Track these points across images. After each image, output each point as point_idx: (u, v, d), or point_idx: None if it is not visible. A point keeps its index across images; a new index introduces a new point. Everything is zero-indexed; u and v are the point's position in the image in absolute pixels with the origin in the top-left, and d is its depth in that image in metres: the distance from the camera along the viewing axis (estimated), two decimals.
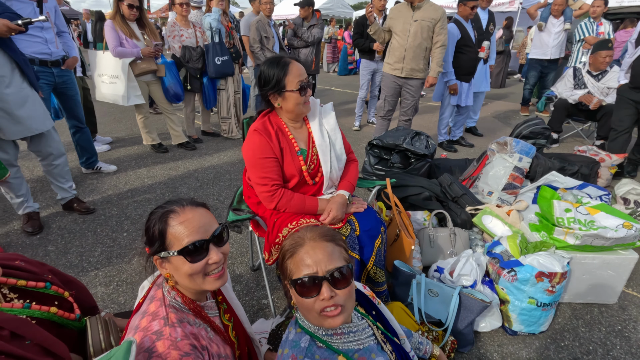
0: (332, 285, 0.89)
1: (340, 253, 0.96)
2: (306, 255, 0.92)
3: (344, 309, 0.90)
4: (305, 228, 1.02)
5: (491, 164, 2.70)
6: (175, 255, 0.94)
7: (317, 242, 0.94)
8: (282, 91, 1.55)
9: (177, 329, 0.91)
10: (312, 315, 0.91)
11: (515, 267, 1.82)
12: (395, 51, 3.61)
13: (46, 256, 2.37)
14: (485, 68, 4.51)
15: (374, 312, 1.13)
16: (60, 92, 3.13)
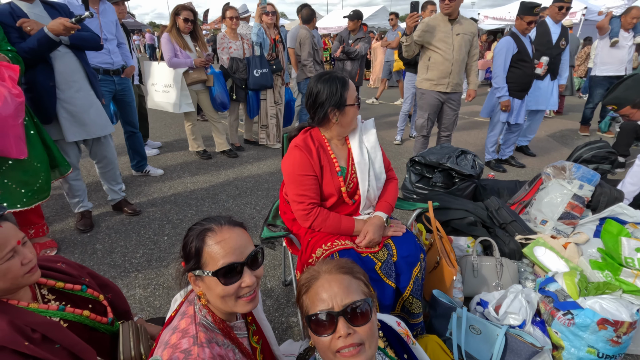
0: (350, 321, 0.81)
1: (359, 286, 0.89)
2: (321, 288, 0.85)
3: (363, 349, 0.81)
4: (321, 261, 0.96)
5: (546, 189, 2.47)
6: (209, 276, 0.93)
7: (332, 274, 0.88)
8: (343, 106, 1.53)
9: (205, 350, 0.89)
10: (328, 357, 0.83)
11: (572, 309, 1.62)
12: (440, 66, 3.46)
13: (93, 254, 2.50)
14: (552, 85, 4.20)
15: (406, 356, 1.03)
16: (119, 99, 3.37)
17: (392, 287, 1.53)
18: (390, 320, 1.10)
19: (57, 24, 2.12)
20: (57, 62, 2.32)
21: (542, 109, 4.35)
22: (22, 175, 2.15)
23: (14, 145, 1.98)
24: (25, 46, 2.13)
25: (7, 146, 1.95)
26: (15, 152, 1.99)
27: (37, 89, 2.29)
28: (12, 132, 1.96)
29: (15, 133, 1.98)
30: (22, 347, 0.99)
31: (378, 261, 1.53)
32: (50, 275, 1.24)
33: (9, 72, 1.95)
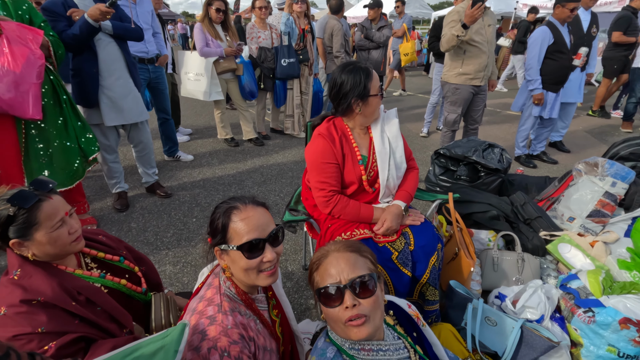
0: (355, 294, 0.88)
1: (365, 263, 0.95)
2: (329, 265, 0.93)
3: (368, 319, 0.88)
4: (331, 242, 1.03)
5: (576, 186, 2.39)
6: (234, 250, 1.00)
7: (340, 252, 0.95)
8: (367, 96, 1.56)
9: (228, 317, 0.97)
10: (338, 326, 0.91)
11: (594, 307, 1.59)
12: (477, 59, 3.36)
13: (129, 232, 2.68)
14: (582, 77, 4.01)
15: (415, 334, 1.07)
16: (153, 87, 3.53)
17: (408, 276, 1.56)
18: (401, 302, 1.14)
19: (94, 9, 2.27)
20: (100, 50, 2.48)
21: (573, 102, 4.16)
22: (64, 158, 2.36)
23: (31, 104, 2.10)
24: (70, 32, 2.30)
25: (25, 104, 2.07)
26: (32, 111, 2.11)
27: (82, 75, 2.46)
28: (32, 91, 2.08)
29: (35, 92, 2.10)
30: (70, 306, 1.11)
31: (395, 251, 1.57)
32: (92, 246, 1.37)
33: (32, 35, 2.09)
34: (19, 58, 2.02)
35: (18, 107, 2.07)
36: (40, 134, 2.26)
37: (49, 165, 2.30)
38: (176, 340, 0.91)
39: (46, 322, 1.06)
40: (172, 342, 0.91)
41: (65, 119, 2.36)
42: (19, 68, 2.01)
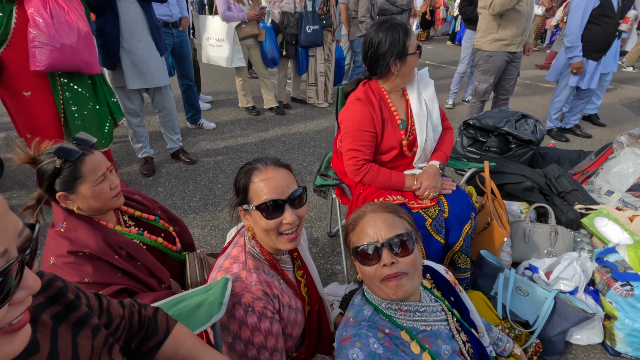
0: (393, 252, 0.87)
1: (402, 223, 0.93)
2: (366, 225, 0.91)
3: (407, 277, 0.88)
4: (367, 203, 1.00)
5: (617, 158, 2.27)
6: (254, 210, 1.00)
7: (377, 213, 0.93)
8: (405, 55, 1.48)
9: (252, 275, 0.98)
10: (375, 285, 0.90)
11: (632, 281, 1.55)
12: (516, 22, 3.14)
13: (156, 196, 2.74)
14: (617, 43, 3.70)
15: (453, 299, 1.06)
16: (177, 52, 3.48)
17: (440, 243, 1.54)
18: (438, 267, 1.13)
19: None
20: (122, 11, 2.45)
21: (609, 72, 3.88)
22: (97, 120, 2.39)
23: (96, 62, 2.30)
24: None
25: (94, 60, 2.27)
26: (97, 67, 2.31)
27: (105, 35, 2.46)
28: (94, 50, 2.29)
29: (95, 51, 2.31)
30: (113, 259, 1.15)
31: (429, 217, 1.54)
32: (129, 204, 1.39)
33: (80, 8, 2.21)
34: (80, 17, 2.15)
35: (92, 64, 2.26)
36: (74, 96, 2.30)
37: (83, 127, 2.34)
38: (220, 292, 0.92)
39: (92, 273, 1.10)
40: (217, 294, 0.93)
41: (94, 82, 2.37)
42: (85, 26, 2.17)
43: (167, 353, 0.80)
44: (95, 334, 0.63)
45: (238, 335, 0.94)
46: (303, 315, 1.16)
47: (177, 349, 0.80)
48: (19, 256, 0.41)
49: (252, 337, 0.93)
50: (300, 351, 1.21)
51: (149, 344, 0.79)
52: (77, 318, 0.62)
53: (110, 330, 0.72)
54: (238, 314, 0.93)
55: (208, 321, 0.89)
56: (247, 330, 0.93)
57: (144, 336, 0.79)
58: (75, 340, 0.59)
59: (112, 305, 0.75)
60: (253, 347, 0.94)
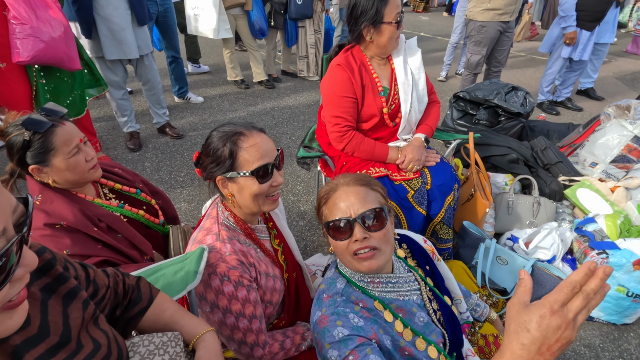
0: (365, 227, 0.86)
1: (376, 197, 0.92)
2: (339, 199, 0.90)
3: (379, 252, 0.87)
4: (340, 175, 0.98)
5: (603, 130, 2.28)
6: (245, 176, 0.97)
7: (350, 186, 0.91)
8: (379, 23, 1.44)
9: (226, 245, 0.98)
10: (347, 259, 0.90)
11: (608, 249, 1.59)
12: None
13: (143, 171, 2.71)
14: (615, 12, 3.58)
15: (428, 267, 1.07)
16: (161, 22, 3.34)
17: (422, 215, 1.56)
18: (417, 237, 1.14)
19: None
20: None
21: (606, 42, 3.79)
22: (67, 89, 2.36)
23: (77, 56, 2.26)
24: None
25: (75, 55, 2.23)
26: (78, 62, 2.28)
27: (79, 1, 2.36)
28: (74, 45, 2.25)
29: (75, 46, 2.27)
30: (92, 231, 1.14)
31: (411, 189, 1.54)
32: (109, 177, 1.38)
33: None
34: (57, 10, 2.12)
35: (74, 58, 2.23)
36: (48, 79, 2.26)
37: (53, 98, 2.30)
38: (196, 262, 0.93)
39: (70, 245, 1.10)
40: (192, 263, 0.93)
41: None
42: (64, 19, 2.14)
43: (150, 319, 0.81)
44: (85, 306, 0.63)
45: (216, 304, 0.95)
46: (282, 282, 1.17)
47: (160, 315, 0.82)
48: (18, 235, 0.41)
49: (230, 305, 0.95)
50: (280, 317, 1.24)
51: (133, 310, 0.80)
52: (67, 290, 0.62)
53: (97, 300, 0.73)
54: (214, 284, 0.94)
55: (183, 289, 0.90)
56: (224, 299, 0.94)
57: (127, 304, 0.80)
58: (66, 312, 0.59)
59: (97, 275, 0.76)
60: (231, 315, 0.96)
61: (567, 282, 0.54)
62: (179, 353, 0.71)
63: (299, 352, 1.15)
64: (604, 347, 1.57)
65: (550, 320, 0.53)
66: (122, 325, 0.80)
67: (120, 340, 0.66)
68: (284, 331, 1.16)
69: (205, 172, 1.03)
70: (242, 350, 1.00)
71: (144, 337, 0.71)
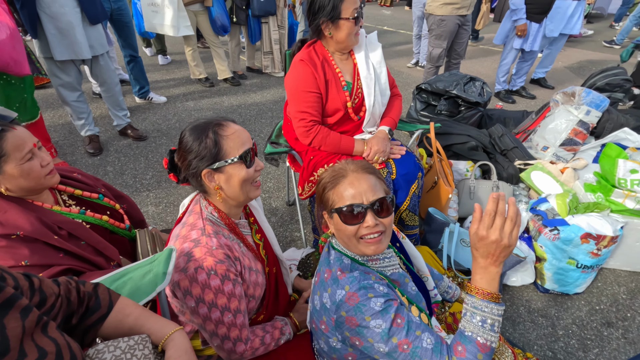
0: (376, 214, 0.93)
1: (382, 185, 0.99)
2: (350, 186, 0.94)
3: (384, 236, 0.95)
4: (345, 161, 1.03)
5: (552, 116, 2.44)
6: (233, 163, 0.99)
7: (359, 173, 0.96)
8: (337, 19, 1.46)
9: (212, 239, 0.99)
10: (352, 242, 0.95)
11: (559, 225, 1.71)
12: None
13: (105, 175, 2.61)
14: (575, 5, 3.73)
15: (398, 245, 1.16)
16: (116, 19, 3.19)
17: None
18: None
19: None
20: None
21: (566, 34, 3.98)
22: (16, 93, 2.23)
23: (26, 62, 2.17)
24: None
25: (23, 60, 2.14)
26: (27, 67, 2.18)
27: None
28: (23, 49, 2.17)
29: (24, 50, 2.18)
30: (52, 239, 1.10)
31: None
32: (68, 183, 1.32)
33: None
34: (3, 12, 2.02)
35: (22, 63, 2.13)
36: None
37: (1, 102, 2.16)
38: (164, 263, 0.92)
39: (29, 256, 1.05)
40: (160, 265, 0.93)
41: None
42: (10, 21, 2.04)
43: (112, 325, 0.80)
44: (25, 315, 0.61)
45: (201, 299, 0.95)
46: (264, 277, 1.19)
47: (123, 320, 0.81)
48: None
49: (216, 299, 0.95)
50: (259, 312, 1.26)
51: (91, 318, 0.79)
52: (3, 300, 0.60)
53: (45, 309, 0.71)
54: (201, 278, 0.94)
55: (152, 291, 0.90)
56: (211, 293, 0.95)
57: (85, 311, 0.79)
58: (2, 323, 0.58)
59: (44, 284, 0.73)
60: (217, 309, 0.96)
61: (485, 212, 0.82)
62: (147, 355, 0.70)
63: (277, 346, 1.18)
64: (558, 316, 1.70)
65: (486, 241, 0.82)
66: (80, 333, 0.78)
67: (75, 347, 0.65)
68: (263, 326, 1.18)
69: (187, 170, 1.02)
70: (224, 345, 1.01)
71: (109, 343, 0.70)
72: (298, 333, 1.30)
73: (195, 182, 1.05)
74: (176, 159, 1.06)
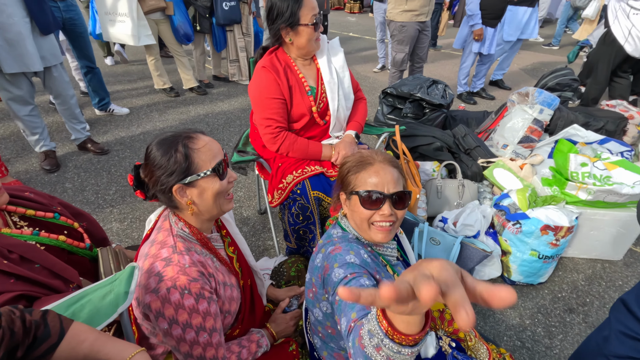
0: (393, 205, 0.99)
1: (402, 181, 1.05)
2: (375, 174, 1.00)
3: (394, 226, 1.01)
4: (373, 150, 1.09)
5: (509, 115, 2.57)
6: (206, 176, 0.97)
7: (385, 164, 1.02)
8: (296, 25, 1.47)
9: (185, 257, 0.95)
10: (364, 225, 1.01)
11: (521, 219, 1.80)
12: None
13: (64, 193, 2.47)
14: (530, 12, 3.98)
15: (396, 238, 1.23)
16: (69, 30, 3.06)
17: None
18: None
19: None
20: None
21: (520, 39, 4.24)
22: None
23: None
24: None
25: None
26: None
27: None
28: None
29: None
30: (1, 265, 1.02)
31: None
32: (19, 203, 1.24)
33: None
34: None
35: None
36: None
37: None
38: (126, 282, 0.88)
39: None
40: (122, 284, 0.88)
41: None
42: None
43: (64, 354, 0.75)
44: None
45: (175, 320, 0.91)
46: (239, 290, 1.16)
47: (77, 347, 0.76)
48: None
49: (190, 319, 0.92)
50: (234, 327, 1.23)
51: (40, 348, 0.73)
52: None
53: None
54: (174, 298, 0.90)
55: (114, 312, 0.85)
56: (185, 313, 0.91)
57: (32, 342, 0.73)
58: None
59: None
60: (191, 330, 0.92)
61: None
62: None
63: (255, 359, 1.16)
64: (525, 307, 1.77)
65: None
66: None
67: None
68: (239, 341, 1.15)
69: (156, 187, 0.98)
70: None
71: None
72: (275, 343, 1.28)
73: (164, 198, 1.01)
74: (142, 175, 1.01)
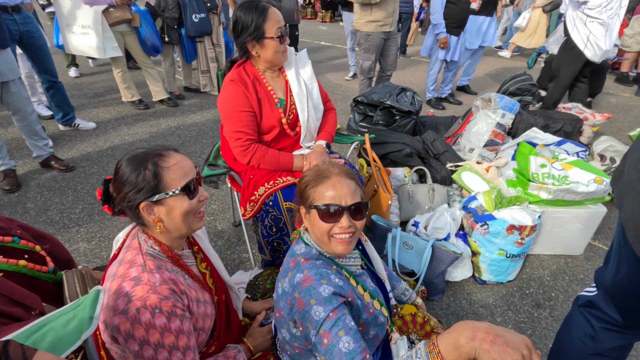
0: (352, 216, 1.01)
1: (359, 191, 1.07)
2: (332, 187, 1.01)
3: (353, 237, 1.03)
4: (330, 163, 1.09)
5: (475, 120, 2.67)
6: (174, 195, 0.96)
7: (342, 177, 1.04)
8: (261, 38, 1.48)
9: (155, 275, 0.93)
10: (324, 238, 1.02)
11: (488, 220, 1.87)
12: (385, 5, 3.40)
13: (25, 213, 2.36)
14: (489, 21, 4.20)
15: (361, 247, 1.24)
16: (27, 43, 2.94)
17: None
18: None
19: None
20: None
21: (482, 46, 4.44)
22: None
23: None
24: None
25: None
26: None
27: None
28: None
29: None
30: None
31: None
32: None
33: None
34: None
35: None
36: None
37: None
38: (90, 306, 0.85)
39: None
40: (86, 309, 0.85)
41: None
42: None
43: None
44: None
45: (146, 341, 0.88)
46: (213, 307, 1.14)
47: None
48: None
49: (162, 339, 0.89)
50: (210, 344, 1.20)
51: None
52: None
53: None
54: (144, 318, 0.87)
55: (77, 339, 0.82)
56: (156, 333, 0.88)
57: None
58: None
59: None
60: (164, 350, 0.90)
61: None
62: None
63: None
64: (496, 305, 1.84)
65: None
66: None
67: None
68: (215, 358, 1.13)
69: (123, 203, 0.97)
70: None
71: None
72: (253, 358, 1.27)
73: (132, 214, 1.00)
74: (111, 190, 1.00)
